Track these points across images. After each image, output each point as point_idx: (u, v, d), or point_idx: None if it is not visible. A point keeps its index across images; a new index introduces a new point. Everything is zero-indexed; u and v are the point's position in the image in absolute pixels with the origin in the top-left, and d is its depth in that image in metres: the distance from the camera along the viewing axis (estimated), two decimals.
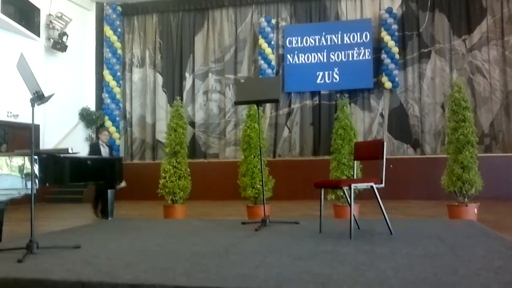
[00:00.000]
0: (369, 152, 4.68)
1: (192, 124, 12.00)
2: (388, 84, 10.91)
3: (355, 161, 5.10)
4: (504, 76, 10.79)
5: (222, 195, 10.11)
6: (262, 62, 11.52)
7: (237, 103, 5.61)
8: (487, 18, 10.93)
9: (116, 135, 12.20)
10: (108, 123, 12.03)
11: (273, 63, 11.58)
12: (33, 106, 3.98)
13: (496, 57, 10.84)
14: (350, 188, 4.28)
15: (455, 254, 3.65)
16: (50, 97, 4.05)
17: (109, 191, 6.44)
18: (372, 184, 4.34)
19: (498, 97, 10.77)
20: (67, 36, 11.44)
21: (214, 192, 10.49)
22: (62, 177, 5.55)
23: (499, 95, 10.76)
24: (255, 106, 6.25)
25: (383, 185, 4.36)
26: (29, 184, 4.75)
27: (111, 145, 5.42)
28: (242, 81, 8.42)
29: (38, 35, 10.94)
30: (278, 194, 6.96)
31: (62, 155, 5.54)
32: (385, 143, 4.43)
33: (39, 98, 3.90)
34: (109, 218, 6.49)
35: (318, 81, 11.38)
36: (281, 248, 4.00)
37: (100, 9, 12.67)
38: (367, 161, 4.99)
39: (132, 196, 10.31)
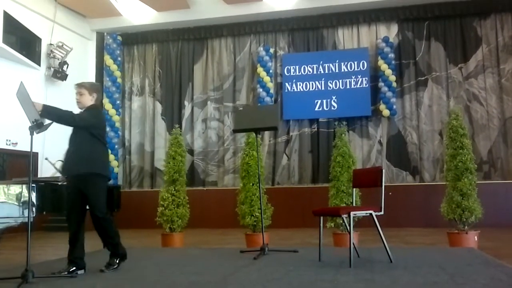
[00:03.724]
0: (368, 180, 4.68)
1: (191, 152, 12.01)
2: (386, 112, 10.98)
3: (354, 189, 5.10)
4: (501, 103, 10.87)
5: (221, 223, 10.05)
6: (261, 90, 11.61)
7: (235, 131, 5.65)
8: (483, 47, 11.08)
9: (114, 163, 12.19)
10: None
11: (272, 91, 11.68)
12: (32, 134, 3.99)
13: (492, 85, 10.95)
14: (349, 216, 4.26)
15: (456, 282, 3.62)
16: (49, 125, 4.07)
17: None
18: (371, 211, 4.32)
19: (495, 124, 10.83)
20: (68, 65, 11.55)
21: (212, 220, 10.43)
22: (60, 205, 5.52)
23: (497, 122, 10.82)
24: (254, 134, 6.27)
25: (382, 212, 4.35)
26: (26, 212, 4.73)
27: None
28: (241, 109, 8.46)
29: (39, 64, 11.05)
30: (277, 222, 6.92)
31: (60, 183, 5.53)
32: (383, 171, 4.43)
33: (38, 126, 3.91)
34: (105, 247, 6.42)
35: (316, 108, 11.45)
36: (280, 278, 3.96)
37: (100, 39, 12.84)
38: (366, 188, 4.98)
39: (130, 225, 10.23)
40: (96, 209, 4.24)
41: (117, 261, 4.39)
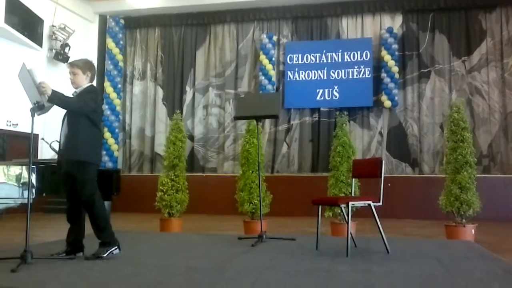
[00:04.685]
0: (367, 170, 4.69)
1: (191, 137, 12.00)
2: (387, 103, 10.95)
3: (353, 179, 5.10)
4: (503, 97, 10.83)
5: (220, 209, 10.08)
6: (263, 78, 11.57)
7: (236, 118, 5.65)
8: (487, 40, 11.01)
9: (114, 147, 12.20)
10: (107, 134, 12.03)
11: (274, 79, 11.64)
12: (33, 116, 3.99)
13: (495, 79, 10.90)
14: (347, 205, 4.28)
15: (452, 275, 3.64)
16: (50, 107, 4.06)
17: (106, 203, 6.41)
18: (370, 202, 4.34)
19: (496, 119, 10.80)
20: (70, 47, 11.49)
21: (211, 206, 10.45)
22: (60, 187, 5.53)
23: (498, 116, 10.80)
24: (255, 121, 6.27)
25: (380, 203, 4.36)
26: (25, 193, 4.75)
27: None
28: (242, 96, 8.45)
29: (41, 45, 10.99)
30: (275, 210, 6.96)
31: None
32: (383, 162, 4.44)
33: (39, 108, 3.91)
34: None
35: (318, 98, 11.41)
36: (277, 265, 3.99)
37: (103, 22, 12.76)
38: (365, 179, 4.99)
39: (129, 208, 10.28)
40: (81, 194, 4.20)
41: (107, 251, 4.17)
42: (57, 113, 4.60)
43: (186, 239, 5.96)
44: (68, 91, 4.46)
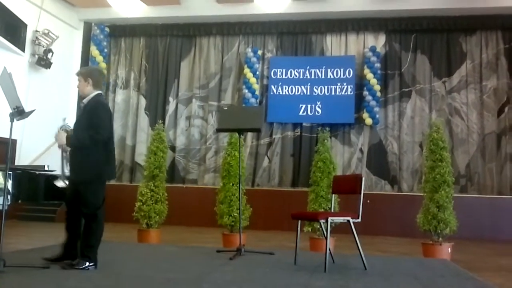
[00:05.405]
0: (347, 186, 4.72)
1: (173, 148, 11.94)
2: (368, 121, 11.08)
3: (333, 195, 5.13)
4: (481, 119, 11.06)
5: (199, 221, 10.01)
6: (246, 91, 11.61)
7: (219, 130, 5.66)
8: (467, 62, 11.26)
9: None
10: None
11: (257, 92, 11.68)
12: (12, 120, 3.94)
13: (474, 101, 11.13)
14: (327, 221, 4.29)
15: None
16: (30, 113, 4.01)
17: None
18: (349, 218, 4.36)
19: (475, 139, 11.01)
20: (53, 53, 11.37)
21: (191, 217, 10.37)
22: (36, 195, 5.46)
23: (476, 137, 11.01)
24: (237, 134, 6.27)
25: (359, 220, 4.39)
26: (0, 199, 4.66)
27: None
28: (226, 108, 8.46)
29: (23, 50, 10.86)
30: (255, 223, 6.94)
31: (37, 172, 5.47)
32: (363, 178, 4.48)
33: (19, 113, 3.86)
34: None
35: (300, 113, 11.48)
36: (255, 279, 3.97)
37: (87, 29, 12.68)
38: (345, 195, 5.02)
39: (106, 218, 10.10)
40: (84, 206, 4.24)
41: (83, 264, 4.11)
42: (36, 119, 4.55)
43: (164, 250, 5.90)
44: (46, 96, 4.45)
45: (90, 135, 4.13)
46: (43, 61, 11.18)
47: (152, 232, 6.65)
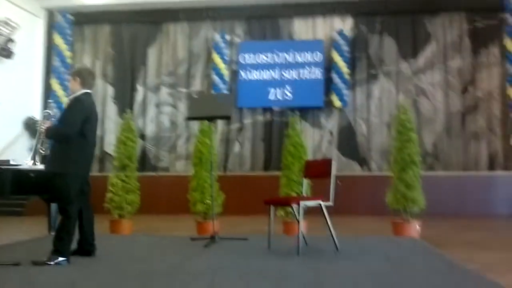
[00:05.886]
0: (318, 171, 4.79)
1: (142, 136, 11.80)
2: (337, 103, 11.20)
3: (305, 179, 5.19)
4: (446, 98, 11.32)
5: (172, 209, 9.95)
6: (216, 77, 11.54)
7: (189, 118, 5.62)
8: (432, 43, 11.47)
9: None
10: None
11: (226, 78, 11.62)
12: None
13: (439, 81, 11.37)
14: (298, 205, 4.35)
15: (397, 271, 3.78)
16: None
17: (52, 205, 6.23)
18: (320, 202, 4.43)
19: (441, 119, 11.28)
20: (14, 42, 11.03)
21: (163, 206, 10.31)
22: (3, 190, 5.34)
23: (442, 116, 11.27)
24: (207, 122, 6.26)
25: (331, 203, 4.46)
26: None
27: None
28: (195, 96, 8.40)
29: None
30: (228, 209, 6.96)
31: (3, 167, 5.35)
32: (333, 162, 4.54)
33: None
34: (52, 233, 6.26)
35: (270, 97, 11.51)
36: (229, 266, 4.01)
37: (50, 17, 12.31)
38: (317, 179, 5.09)
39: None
40: (56, 199, 4.48)
41: (55, 259, 4.09)
42: (1, 111, 4.46)
43: (137, 240, 5.88)
44: (9, 88, 4.40)
45: (59, 129, 4.32)
46: (4, 51, 10.83)
47: (125, 222, 6.60)
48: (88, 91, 4.50)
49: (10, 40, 11.01)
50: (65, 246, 4.18)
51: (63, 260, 4.11)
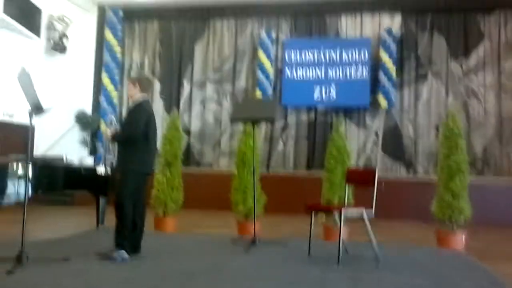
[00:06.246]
0: (361, 179, 4.75)
1: (188, 132, 12.00)
2: (384, 103, 10.99)
3: (347, 186, 5.16)
4: (499, 101, 10.87)
5: (214, 205, 10.05)
6: (261, 74, 11.57)
7: (233, 120, 5.68)
8: (485, 43, 11.04)
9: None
10: (103, 126, 12.04)
11: (271, 75, 11.63)
12: (31, 118, 4.02)
13: (491, 82, 10.93)
14: (340, 214, 4.33)
15: (439, 286, 3.71)
16: (48, 110, 4.09)
17: (101, 199, 6.48)
18: (363, 211, 4.40)
19: (492, 122, 10.86)
20: (67, 37, 11.45)
21: (206, 201, 10.43)
22: (56, 185, 5.59)
23: (493, 120, 10.85)
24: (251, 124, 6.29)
25: (373, 214, 4.42)
26: (21, 191, 4.78)
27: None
28: (240, 102, 8.47)
29: (39, 35, 10.92)
30: (270, 208, 6.98)
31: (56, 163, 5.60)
32: (377, 171, 4.49)
33: (38, 110, 3.93)
34: (99, 226, 6.52)
35: (315, 96, 11.43)
36: (269, 273, 4.04)
37: (101, 13, 12.67)
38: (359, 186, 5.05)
39: None
40: (116, 195, 4.67)
41: (118, 253, 4.38)
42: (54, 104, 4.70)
43: (181, 239, 6.01)
44: (62, 82, 4.63)
45: (125, 133, 4.72)
46: (58, 46, 11.26)
47: (169, 220, 6.76)
48: (147, 98, 4.92)
49: (64, 35, 11.44)
50: (124, 241, 4.47)
51: (124, 254, 4.40)
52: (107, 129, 4.95)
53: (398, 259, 4.82)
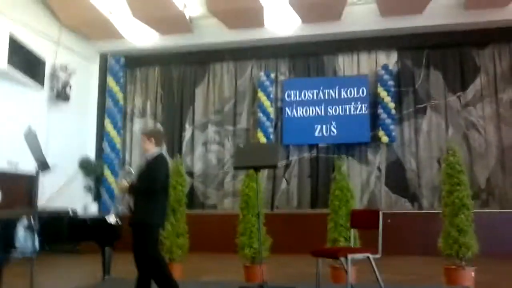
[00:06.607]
0: (365, 222, 4.77)
1: (191, 174, 12.06)
2: (384, 138, 11.08)
3: (352, 229, 5.17)
4: (499, 132, 10.96)
5: (220, 247, 10.01)
6: (261, 114, 11.74)
7: (236, 168, 5.75)
8: (481, 76, 11.21)
9: (114, 185, 12.25)
10: (107, 172, 12.12)
11: (272, 115, 11.79)
12: (38, 174, 4.09)
13: (490, 114, 11.05)
14: (347, 258, 4.34)
15: None
16: (54, 167, 4.17)
17: (107, 249, 6.47)
18: (369, 255, 4.40)
19: (493, 153, 10.91)
20: (71, 86, 11.65)
21: (211, 244, 10.40)
22: (62, 238, 5.61)
23: (495, 150, 10.91)
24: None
25: (379, 255, 4.42)
26: (29, 245, 4.79)
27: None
28: (241, 146, 8.59)
29: (43, 85, 11.11)
30: (276, 247, 6.93)
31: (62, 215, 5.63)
32: (381, 214, 4.52)
33: (44, 168, 4.01)
34: (106, 277, 6.47)
35: (316, 134, 11.54)
36: None
37: (103, 61, 12.96)
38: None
39: (129, 249, 10.22)
40: (144, 249, 4.75)
41: None
42: (58, 152, 4.73)
43: None
44: (65, 129, 4.69)
45: (145, 185, 4.77)
46: (61, 95, 11.44)
47: (175, 266, 6.71)
48: (161, 151, 5.05)
49: (68, 84, 11.65)
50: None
51: None
52: (123, 180, 5.05)
53: None
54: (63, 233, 5.52)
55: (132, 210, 4.85)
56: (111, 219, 6.19)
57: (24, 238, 4.87)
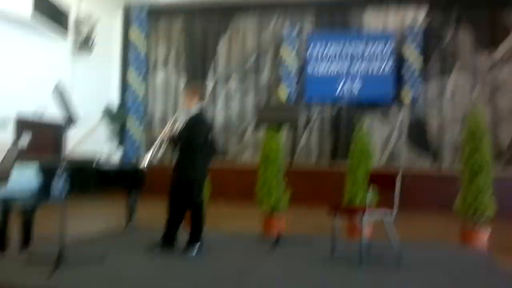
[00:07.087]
0: (384, 183, 4.85)
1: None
2: (408, 98, 10.96)
3: (370, 187, 5.25)
4: None
5: (239, 197, 10.27)
6: (284, 69, 11.68)
7: (257, 125, 5.84)
8: (511, 36, 10.86)
9: (138, 134, 12.51)
10: (130, 122, 12.37)
11: (294, 70, 11.72)
12: (65, 130, 4.24)
13: None
14: (363, 217, 4.45)
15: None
16: (79, 118, 4.30)
17: (133, 194, 6.74)
18: (383, 216, 4.51)
19: None
20: (94, 37, 11.69)
21: (232, 193, 10.63)
22: (89, 186, 5.84)
23: None
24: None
25: (394, 217, 4.52)
26: (61, 191, 4.98)
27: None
28: (264, 104, 8.62)
29: (66, 36, 11.20)
30: (294, 201, 7.07)
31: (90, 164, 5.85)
32: (399, 176, 4.58)
33: (70, 122, 4.15)
34: (129, 224, 6.75)
35: (338, 91, 11.46)
36: (293, 276, 4.20)
37: (127, 11, 12.91)
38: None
39: (151, 198, 10.54)
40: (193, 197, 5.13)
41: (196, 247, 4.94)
42: (83, 103, 4.87)
43: (207, 239, 6.20)
44: (90, 80, 4.78)
45: (185, 141, 5.03)
46: (85, 46, 11.52)
47: None
48: (203, 105, 5.30)
49: (91, 35, 11.67)
50: (201, 235, 5.05)
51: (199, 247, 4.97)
52: (169, 128, 5.25)
53: (420, 259, 4.92)
54: (90, 180, 5.74)
55: (175, 165, 5.07)
56: (144, 162, 6.29)
57: (59, 185, 5.08)
